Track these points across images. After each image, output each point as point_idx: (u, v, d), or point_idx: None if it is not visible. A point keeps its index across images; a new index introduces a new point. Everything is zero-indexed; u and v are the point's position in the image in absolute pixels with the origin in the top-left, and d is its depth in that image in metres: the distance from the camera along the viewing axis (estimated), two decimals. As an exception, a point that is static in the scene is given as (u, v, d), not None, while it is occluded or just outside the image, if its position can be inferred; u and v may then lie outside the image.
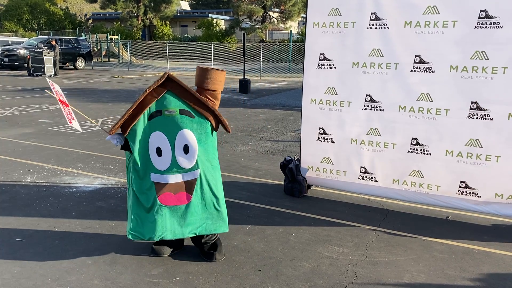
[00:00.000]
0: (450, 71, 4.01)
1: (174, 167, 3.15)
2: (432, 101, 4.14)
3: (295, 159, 4.99)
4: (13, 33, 39.63)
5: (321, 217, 4.27)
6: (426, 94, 4.16)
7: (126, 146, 3.24)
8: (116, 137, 3.22)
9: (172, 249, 3.49)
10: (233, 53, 31.76)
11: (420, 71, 4.15)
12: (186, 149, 3.13)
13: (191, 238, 3.45)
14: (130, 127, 3.12)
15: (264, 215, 4.30)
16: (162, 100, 3.11)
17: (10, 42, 24.13)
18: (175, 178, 3.17)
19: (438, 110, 4.12)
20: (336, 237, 3.84)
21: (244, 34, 15.72)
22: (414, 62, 4.16)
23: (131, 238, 3.27)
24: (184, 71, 23.44)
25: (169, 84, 3.11)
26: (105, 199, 4.65)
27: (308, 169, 4.85)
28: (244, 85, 15.04)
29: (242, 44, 15.24)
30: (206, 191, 3.26)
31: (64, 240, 3.67)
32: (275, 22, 38.31)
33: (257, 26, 36.92)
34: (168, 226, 3.20)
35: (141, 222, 3.24)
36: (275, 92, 15.43)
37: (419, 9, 4.06)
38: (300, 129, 4.89)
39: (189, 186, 3.20)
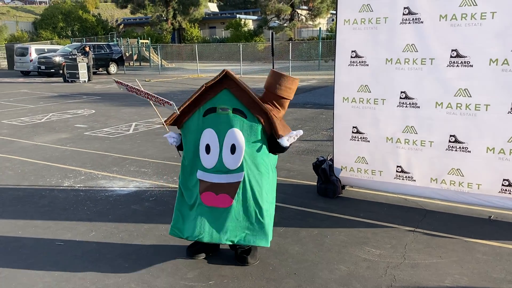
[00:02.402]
0: (490, 64, 3.84)
1: (220, 166, 3.10)
2: (470, 96, 3.98)
3: (328, 159, 4.91)
4: (48, 41, 41.00)
5: (356, 219, 4.18)
6: (464, 90, 4.00)
7: (181, 147, 3.32)
8: (174, 136, 3.29)
9: (206, 252, 3.47)
10: (261, 52, 31.76)
11: (457, 65, 3.99)
12: (233, 148, 3.08)
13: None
14: (184, 121, 3.19)
15: (298, 217, 4.25)
16: (218, 97, 3.11)
17: (46, 50, 24.95)
18: (219, 178, 3.12)
19: (477, 106, 3.96)
20: (373, 239, 3.75)
21: (272, 33, 15.67)
22: (451, 57, 4.01)
23: (171, 234, 3.31)
24: (214, 72, 23.60)
25: (227, 81, 3.10)
26: (140, 202, 4.71)
27: (342, 169, 4.76)
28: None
29: (270, 44, 15.17)
30: (249, 198, 3.13)
31: (101, 244, 3.74)
32: (304, 20, 38.06)
33: (285, 24, 36.79)
34: (206, 228, 3.15)
35: (182, 219, 3.27)
36: (305, 90, 15.30)
37: (454, 2, 3.91)
38: (332, 128, 4.81)
39: (231, 188, 3.11)
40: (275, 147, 3.21)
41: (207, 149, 3.11)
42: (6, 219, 4.30)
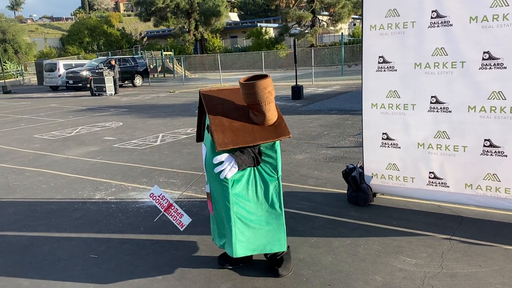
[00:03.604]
0: (525, 65, 3.72)
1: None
2: (505, 99, 3.86)
3: (358, 166, 4.84)
4: (75, 56, 42.13)
5: (390, 227, 4.10)
6: (498, 92, 3.88)
7: None
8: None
9: (236, 262, 3.48)
10: (283, 60, 31.80)
11: (490, 68, 3.89)
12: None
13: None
14: (203, 134, 3.50)
15: (329, 226, 4.19)
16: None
17: (73, 65, 25.65)
18: (207, 187, 3.40)
19: (513, 108, 3.83)
20: (407, 248, 3.66)
21: (294, 40, 15.68)
22: (483, 59, 3.91)
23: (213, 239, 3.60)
24: (237, 81, 23.74)
25: (202, 97, 3.33)
26: (170, 213, 4.74)
27: (372, 177, 4.69)
28: (296, 91, 14.97)
29: (292, 51, 15.19)
30: (218, 208, 3.31)
31: (134, 256, 3.77)
32: (325, 26, 37.95)
33: (306, 31, 36.77)
34: (214, 232, 3.50)
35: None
36: (329, 96, 15.21)
37: (485, 3, 3.81)
38: (362, 135, 4.74)
39: (210, 197, 3.38)
40: None
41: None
42: (41, 232, 4.39)
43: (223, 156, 2.98)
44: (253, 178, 3.16)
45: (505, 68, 3.81)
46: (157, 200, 3.45)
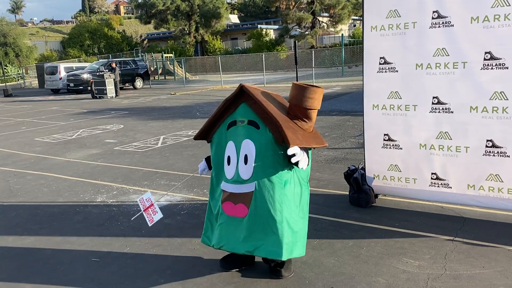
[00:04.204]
0: (527, 66, 3.71)
1: (237, 176, 3.16)
2: (507, 99, 3.85)
3: (360, 167, 4.83)
4: (76, 59, 42.20)
5: (392, 228, 4.08)
6: (500, 93, 3.87)
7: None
8: (203, 166, 3.58)
9: (239, 265, 3.46)
10: (284, 61, 31.81)
11: (492, 68, 3.88)
12: (245, 159, 3.13)
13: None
14: (211, 135, 3.37)
15: (331, 228, 4.18)
16: (238, 110, 3.22)
17: (74, 68, 25.68)
18: (236, 188, 3.16)
19: (515, 109, 3.82)
20: (410, 249, 3.64)
21: (295, 42, 15.68)
22: (484, 59, 3.90)
23: (202, 242, 3.45)
24: (237, 83, 23.75)
25: (244, 95, 3.20)
26: (172, 216, 4.74)
27: (374, 178, 4.67)
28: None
29: (292, 52, 15.21)
30: (262, 209, 3.10)
31: (136, 259, 3.76)
32: (325, 27, 37.95)
33: (306, 32, 36.76)
34: (227, 237, 3.21)
35: (211, 228, 3.41)
36: (330, 97, 15.20)
37: (486, 3, 3.81)
38: (363, 136, 4.73)
39: (246, 198, 3.13)
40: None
41: (228, 160, 3.24)
42: (43, 235, 4.39)
43: (297, 148, 3.02)
44: (294, 182, 3.23)
45: (507, 68, 3.80)
46: (142, 202, 3.56)
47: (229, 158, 3.22)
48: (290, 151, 2.98)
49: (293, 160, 3.00)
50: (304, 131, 3.20)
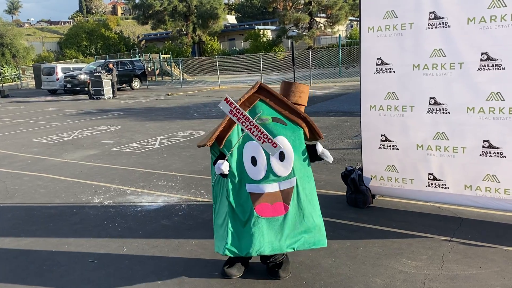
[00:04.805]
0: (523, 66, 3.72)
1: (270, 175, 3.08)
2: (504, 100, 3.86)
3: (357, 168, 4.83)
4: (73, 59, 42.11)
5: (389, 229, 4.08)
6: (497, 93, 3.88)
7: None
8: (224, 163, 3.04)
9: (244, 268, 3.42)
10: (281, 62, 31.81)
11: (488, 69, 3.89)
12: (281, 156, 3.08)
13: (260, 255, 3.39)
14: (225, 138, 3.10)
15: (329, 229, 4.16)
16: (255, 109, 3.14)
17: (71, 69, 25.61)
18: (272, 187, 3.09)
19: (511, 110, 3.83)
20: (407, 250, 3.65)
21: (292, 42, 15.70)
22: (481, 60, 3.91)
23: (226, 254, 3.14)
24: (235, 84, 23.76)
25: (261, 93, 3.15)
26: (169, 217, 4.73)
27: (371, 178, 4.68)
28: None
29: (289, 53, 15.22)
30: (304, 201, 3.15)
31: (133, 261, 3.75)
32: (322, 28, 37.99)
33: (304, 33, 36.79)
34: (266, 240, 3.07)
35: (237, 237, 3.12)
36: (327, 98, 15.21)
37: (482, 4, 3.82)
38: (360, 137, 4.73)
39: (286, 195, 3.11)
40: (311, 154, 3.29)
41: (253, 161, 3.08)
42: (39, 237, 4.37)
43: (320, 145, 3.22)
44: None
45: (503, 69, 3.82)
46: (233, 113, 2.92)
47: (253, 158, 3.07)
48: (319, 148, 3.22)
49: (325, 154, 3.23)
50: None
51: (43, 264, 3.77)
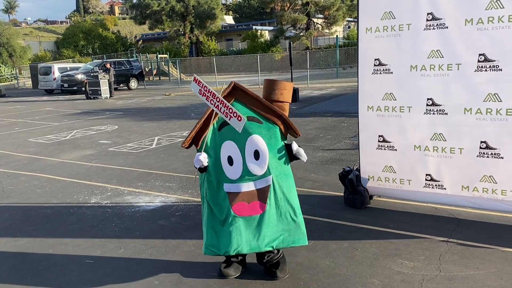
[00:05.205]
0: (520, 68, 3.73)
1: (246, 174, 3.11)
2: (501, 101, 3.87)
3: (354, 169, 4.84)
4: (70, 59, 41.99)
5: (387, 230, 4.09)
6: (494, 94, 3.89)
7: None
8: (205, 156, 3.13)
9: (241, 268, 3.41)
10: (279, 62, 31.83)
11: (486, 70, 3.90)
12: (256, 155, 3.10)
13: (256, 256, 3.39)
14: (201, 139, 3.16)
15: (326, 229, 4.18)
16: None
17: (68, 68, 25.54)
18: (248, 186, 3.12)
19: (509, 111, 3.85)
20: (405, 251, 3.65)
21: (290, 43, 15.71)
22: (478, 61, 3.92)
23: (207, 253, 3.21)
24: (232, 84, 23.70)
25: (236, 92, 3.16)
26: (167, 217, 4.72)
27: (369, 179, 4.68)
28: (292, 94, 14.94)
29: (287, 53, 15.23)
30: (281, 200, 3.16)
31: (131, 261, 3.74)
32: (320, 28, 38.06)
33: (301, 33, 36.85)
34: (243, 239, 3.10)
35: (216, 236, 3.19)
36: (325, 99, 15.23)
37: (480, 5, 3.83)
38: (358, 138, 4.74)
39: (262, 194, 3.13)
40: (289, 153, 3.26)
41: (230, 160, 3.14)
42: (36, 237, 4.35)
43: (295, 143, 3.19)
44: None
45: (501, 70, 3.83)
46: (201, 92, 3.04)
47: (230, 158, 3.13)
48: (294, 146, 3.16)
49: (300, 153, 3.15)
50: None
51: (40, 265, 3.75)
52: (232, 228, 3.12)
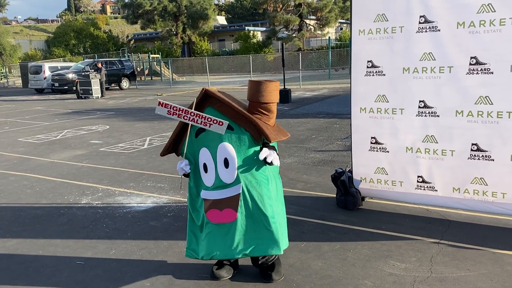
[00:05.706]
0: (511, 71, 3.77)
1: (218, 182, 3.10)
2: (492, 103, 3.90)
3: (347, 170, 4.85)
4: (61, 58, 41.66)
5: (379, 231, 4.10)
6: (485, 97, 3.93)
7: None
8: (187, 163, 3.19)
9: (233, 270, 3.41)
10: (271, 63, 31.86)
11: (477, 73, 3.93)
12: (226, 163, 3.07)
13: (251, 258, 3.38)
14: (180, 147, 3.21)
15: (319, 231, 4.19)
16: None
17: (59, 67, 25.32)
18: (219, 194, 3.11)
19: (499, 113, 3.88)
20: (397, 252, 3.67)
21: (282, 44, 15.73)
22: (470, 64, 3.95)
23: (188, 256, 3.28)
24: (225, 84, 23.72)
25: (208, 99, 3.12)
26: (158, 218, 4.69)
27: (361, 181, 4.70)
28: (284, 95, 14.96)
29: (279, 54, 15.26)
30: (252, 208, 3.09)
31: (122, 262, 3.71)
32: (312, 30, 38.17)
33: (294, 35, 36.92)
34: (218, 245, 3.14)
35: (195, 240, 3.27)
36: (317, 100, 15.27)
37: (472, 8, 3.86)
38: (350, 139, 4.75)
39: (233, 202, 3.08)
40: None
41: (205, 168, 3.14)
42: (26, 238, 4.30)
43: (266, 149, 3.02)
44: (271, 177, 3.20)
45: (492, 73, 3.86)
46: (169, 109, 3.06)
47: (205, 165, 3.12)
48: (262, 155, 2.99)
49: (268, 160, 2.99)
50: (272, 126, 3.17)
51: (30, 266, 3.71)
52: (207, 234, 3.17)
